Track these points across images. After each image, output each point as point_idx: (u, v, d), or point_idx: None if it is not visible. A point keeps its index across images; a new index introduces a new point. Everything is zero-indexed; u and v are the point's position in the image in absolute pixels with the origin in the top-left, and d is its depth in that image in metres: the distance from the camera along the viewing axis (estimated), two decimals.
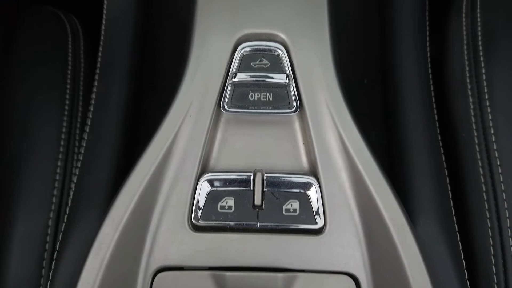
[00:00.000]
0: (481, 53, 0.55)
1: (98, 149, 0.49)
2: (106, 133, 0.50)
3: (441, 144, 0.51)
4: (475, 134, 0.53)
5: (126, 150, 0.52)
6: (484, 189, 0.51)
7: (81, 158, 0.50)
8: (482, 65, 0.55)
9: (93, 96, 0.52)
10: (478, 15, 0.57)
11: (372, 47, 0.64)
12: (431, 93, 0.53)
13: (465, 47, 0.57)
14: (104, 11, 0.54)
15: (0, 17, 0.63)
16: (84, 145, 0.50)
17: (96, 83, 0.53)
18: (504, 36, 0.57)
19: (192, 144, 0.45)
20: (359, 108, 0.49)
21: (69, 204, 0.47)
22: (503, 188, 0.50)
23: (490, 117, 0.53)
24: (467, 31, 0.58)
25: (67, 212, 0.47)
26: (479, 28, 0.57)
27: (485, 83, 0.54)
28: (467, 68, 0.56)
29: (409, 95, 0.51)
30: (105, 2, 0.55)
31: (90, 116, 0.51)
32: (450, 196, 0.48)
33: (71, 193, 0.48)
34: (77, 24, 0.65)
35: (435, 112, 0.52)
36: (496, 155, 0.51)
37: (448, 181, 0.49)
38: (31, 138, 0.55)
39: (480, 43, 0.56)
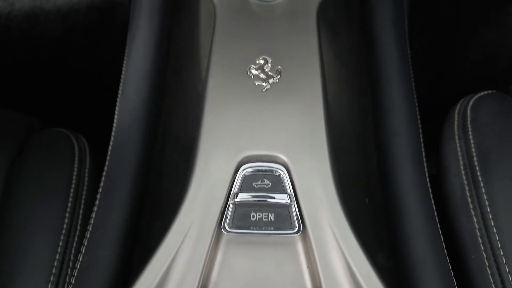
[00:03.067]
0: (478, 173, 0.56)
1: (93, 273, 0.47)
2: (102, 256, 0.48)
3: (450, 266, 0.49)
4: (484, 255, 0.52)
5: (123, 273, 0.49)
6: None
7: (72, 282, 0.47)
8: (481, 184, 0.55)
9: (93, 215, 0.52)
10: (471, 137, 0.60)
11: (370, 163, 0.65)
12: (434, 212, 0.52)
13: (461, 167, 0.58)
14: (112, 137, 0.57)
15: (11, 141, 0.65)
16: (78, 267, 0.48)
17: (97, 203, 0.53)
18: (498, 155, 0.58)
19: (191, 266, 0.44)
20: (363, 228, 0.48)
21: None
22: None
23: (497, 238, 0.52)
24: (462, 153, 0.59)
25: None
26: (473, 150, 0.58)
27: (487, 203, 0.54)
28: (466, 188, 0.56)
29: (413, 217, 0.50)
30: (114, 127, 0.58)
31: (88, 236, 0.50)
32: None
33: None
34: (85, 144, 0.67)
35: (440, 232, 0.51)
36: (510, 279, 0.49)
37: None
38: (23, 260, 0.53)
39: (476, 163, 0.57)
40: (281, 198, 0.47)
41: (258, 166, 0.49)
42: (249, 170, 0.48)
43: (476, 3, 0.94)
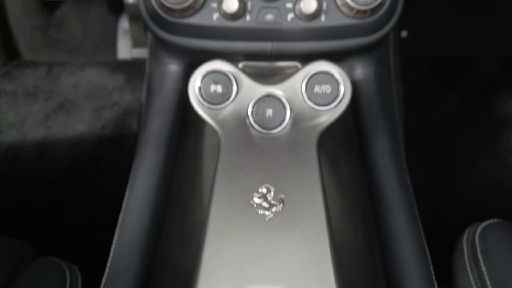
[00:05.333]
0: None
1: None
2: None
3: None
4: None
5: None
6: None
7: None
8: None
9: None
10: (484, 269, 0.57)
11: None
12: None
13: None
14: (108, 267, 0.55)
15: (0, 271, 0.63)
16: None
17: None
18: None
19: None
20: None
21: None
22: None
23: None
24: (477, 286, 0.57)
25: None
26: (488, 283, 0.56)
27: None
28: None
29: None
30: (111, 256, 0.56)
31: None
32: None
33: None
34: (78, 276, 0.64)
35: None
36: None
37: None
38: None
39: None
40: None
41: None
42: None
43: (469, 135, 0.99)
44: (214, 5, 0.59)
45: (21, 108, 1.02)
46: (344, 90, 0.58)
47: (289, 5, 0.59)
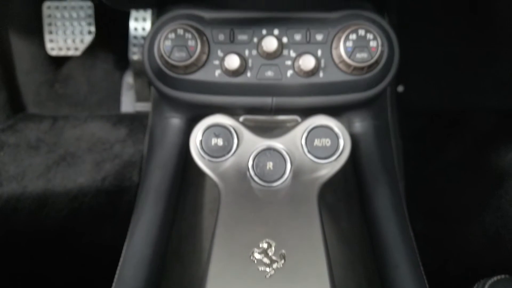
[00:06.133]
0: None
1: None
2: None
3: None
4: None
5: None
6: None
7: None
8: None
9: None
10: None
11: None
12: None
13: None
14: None
15: None
16: None
17: None
18: None
19: None
20: None
21: None
22: None
23: None
24: None
25: None
26: None
27: None
28: None
29: None
30: None
31: None
32: None
33: None
34: None
35: None
36: None
37: None
38: None
39: None
40: None
41: None
42: None
43: (469, 188, 0.99)
44: (216, 62, 0.61)
45: (23, 161, 1.02)
46: (344, 143, 0.59)
47: (289, 62, 0.61)
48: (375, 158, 0.69)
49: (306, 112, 0.63)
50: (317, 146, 0.59)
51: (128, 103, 1.23)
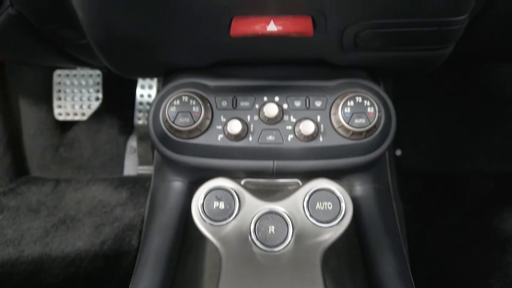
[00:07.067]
0: None
1: None
2: None
3: None
4: None
5: None
6: None
7: None
8: None
9: None
10: None
11: None
12: None
13: None
14: None
15: None
16: None
17: None
18: None
19: None
20: None
21: None
22: None
23: None
24: None
25: None
26: None
27: None
28: None
29: None
30: None
31: None
32: None
33: None
34: None
35: None
36: None
37: None
38: None
39: None
40: None
41: None
42: None
43: (474, 252, 0.97)
44: (219, 127, 0.63)
45: (22, 224, 1.01)
46: (346, 207, 0.59)
47: (289, 127, 0.63)
48: (378, 222, 0.68)
49: (307, 175, 0.64)
50: (319, 209, 0.59)
51: (131, 167, 1.24)
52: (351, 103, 0.61)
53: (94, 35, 0.58)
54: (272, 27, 0.53)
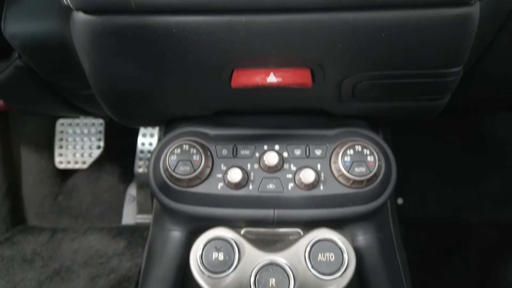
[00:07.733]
0: None
1: None
2: None
3: None
4: None
5: None
6: None
7: None
8: None
9: None
10: None
11: None
12: None
13: None
14: None
15: None
16: None
17: None
18: None
19: None
20: None
21: None
22: None
23: None
24: None
25: None
26: None
27: None
28: None
29: None
30: None
31: None
32: None
33: None
34: None
35: None
36: None
37: None
38: None
39: None
40: None
41: None
42: None
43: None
44: (219, 175, 0.63)
45: (15, 275, 0.98)
46: (348, 258, 0.57)
47: (289, 176, 0.63)
48: (382, 273, 0.67)
49: (308, 225, 0.63)
50: (321, 261, 0.58)
51: (130, 215, 1.23)
52: (351, 151, 0.61)
53: (98, 87, 0.59)
54: (272, 78, 0.54)
